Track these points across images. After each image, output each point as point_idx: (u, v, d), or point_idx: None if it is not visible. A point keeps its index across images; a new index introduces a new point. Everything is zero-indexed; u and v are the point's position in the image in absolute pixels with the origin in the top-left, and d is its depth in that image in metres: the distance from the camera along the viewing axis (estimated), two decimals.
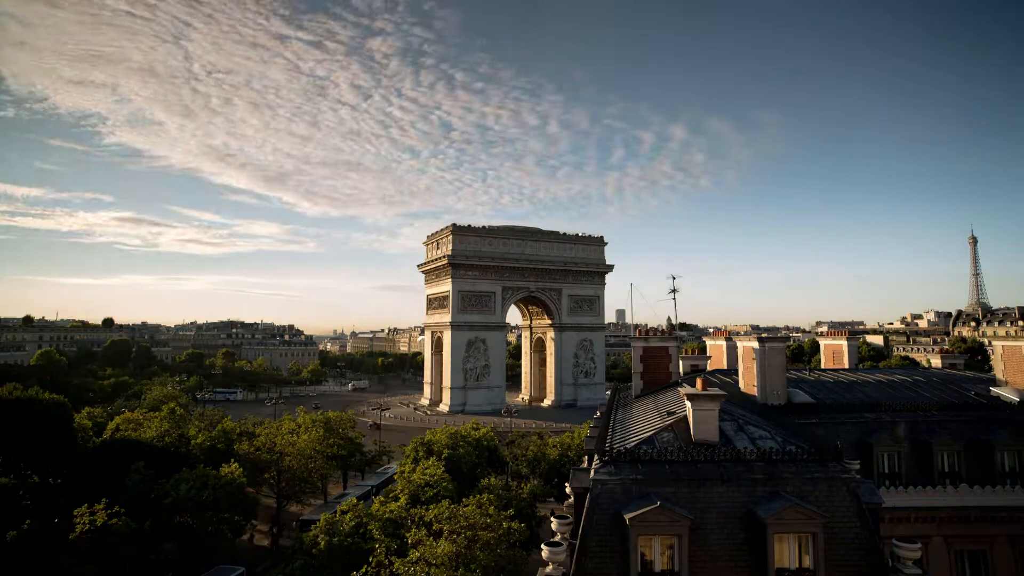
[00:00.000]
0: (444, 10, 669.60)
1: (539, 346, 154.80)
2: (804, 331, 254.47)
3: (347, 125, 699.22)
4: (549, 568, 15.25)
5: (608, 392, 59.99)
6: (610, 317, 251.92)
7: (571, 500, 19.22)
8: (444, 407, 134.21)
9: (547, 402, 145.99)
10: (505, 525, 30.52)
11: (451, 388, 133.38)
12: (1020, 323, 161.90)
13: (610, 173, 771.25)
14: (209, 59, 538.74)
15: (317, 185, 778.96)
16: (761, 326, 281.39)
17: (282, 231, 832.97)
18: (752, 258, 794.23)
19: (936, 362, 37.25)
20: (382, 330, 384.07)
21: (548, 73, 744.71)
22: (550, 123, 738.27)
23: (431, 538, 29.26)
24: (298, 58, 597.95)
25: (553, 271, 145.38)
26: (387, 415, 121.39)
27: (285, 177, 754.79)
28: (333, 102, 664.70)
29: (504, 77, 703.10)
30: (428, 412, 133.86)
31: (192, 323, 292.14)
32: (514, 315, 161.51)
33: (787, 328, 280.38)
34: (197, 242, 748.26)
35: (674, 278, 53.14)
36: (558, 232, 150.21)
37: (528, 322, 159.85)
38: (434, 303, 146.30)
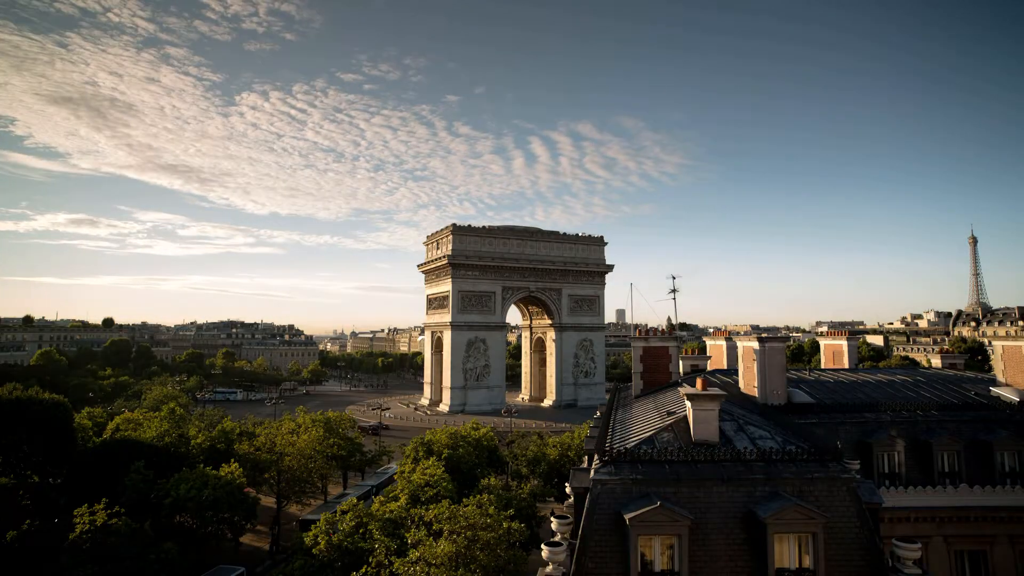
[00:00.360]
0: (307, 11, 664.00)
1: (539, 346, 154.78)
2: (804, 331, 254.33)
3: (261, 127, 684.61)
4: (549, 568, 15.24)
5: (608, 392, 60.01)
6: (610, 317, 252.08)
7: (571, 500, 19.23)
8: (444, 407, 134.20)
9: (547, 402, 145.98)
10: (505, 525, 30.48)
11: (451, 388, 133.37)
12: (1020, 323, 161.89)
13: (541, 171, 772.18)
14: (97, 62, 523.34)
15: (254, 186, 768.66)
16: (761, 326, 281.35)
17: (238, 231, 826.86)
18: (752, 258, 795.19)
19: (936, 362, 37.26)
20: (382, 330, 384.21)
21: (431, 72, 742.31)
22: (456, 124, 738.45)
23: (431, 538, 29.24)
24: (184, 62, 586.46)
25: (553, 271, 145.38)
26: (387, 415, 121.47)
27: (222, 178, 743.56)
28: (239, 105, 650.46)
29: (391, 79, 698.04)
30: (428, 412, 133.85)
31: (192, 323, 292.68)
32: (514, 315, 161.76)
33: (787, 328, 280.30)
34: (165, 243, 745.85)
35: (674, 278, 53.32)
36: (558, 232, 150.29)
37: (528, 322, 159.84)
38: (434, 303, 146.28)
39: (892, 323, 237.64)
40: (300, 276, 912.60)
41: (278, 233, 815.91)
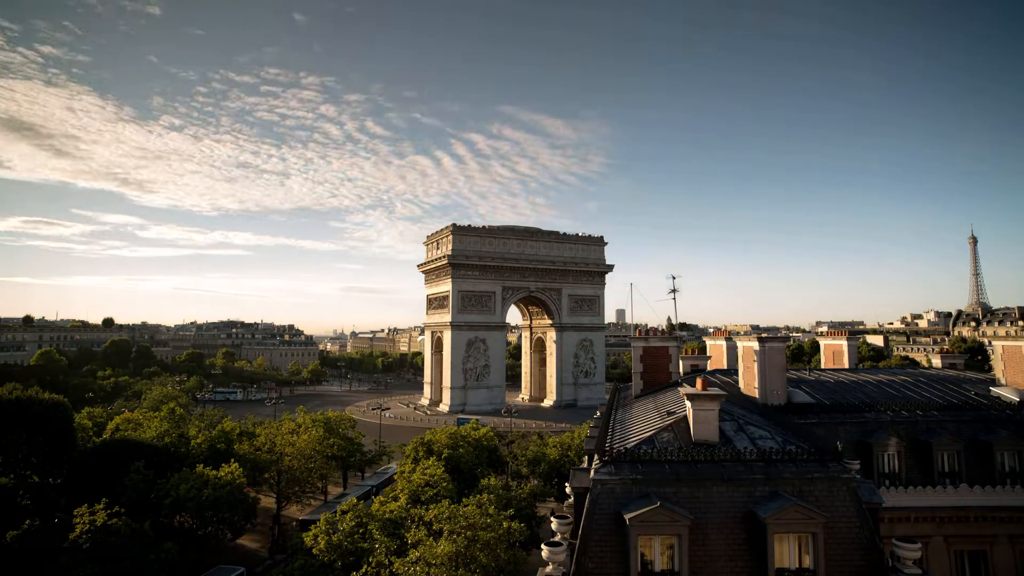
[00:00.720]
0: (174, 11, 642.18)
1: (539, 346, 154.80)
2: (804, 331, 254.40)
3: (178, 131, 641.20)
4: (549, 568, 15.23)
5: (608, 392, 59.97)
6: (610, 317, 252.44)
7: (571, 500, 19.22)
8: (444, 407, 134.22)
9: (547, 402, 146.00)
10: (505, 525, 30.50)
11: (451, 388, 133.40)
12: (1020, 323, 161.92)
13: (473, 172, 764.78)
14: None
15: (194, 187, 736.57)
16: (761, 326, 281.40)
17: (195, 232, 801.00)
18: (752, 258, 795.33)
19: (936, 362, 37.25)
20: (382, 330, 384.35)
21: (320, 71, 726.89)
22: (367, 124, 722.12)
23: (431, 538, 29.25)
24: (67, 64, 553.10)
25: (553, 271, 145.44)
26: (387, 415, 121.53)
27: (161, 182, 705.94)
28: (150, 109, 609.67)
29: (283, 81, 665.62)
30: (428, 412, 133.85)
31: (192, 323, 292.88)
32: (514, 315, 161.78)
33: (787, 328, 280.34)
34: (134, 245, 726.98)
35: (674, 278, 53.33)
36: (558, 232, 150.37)
37: (528, 322, 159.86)
38: (434, 303, 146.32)
39: (892, 323, 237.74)
40: (281, 277, 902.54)
41: (233, 234, 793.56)
